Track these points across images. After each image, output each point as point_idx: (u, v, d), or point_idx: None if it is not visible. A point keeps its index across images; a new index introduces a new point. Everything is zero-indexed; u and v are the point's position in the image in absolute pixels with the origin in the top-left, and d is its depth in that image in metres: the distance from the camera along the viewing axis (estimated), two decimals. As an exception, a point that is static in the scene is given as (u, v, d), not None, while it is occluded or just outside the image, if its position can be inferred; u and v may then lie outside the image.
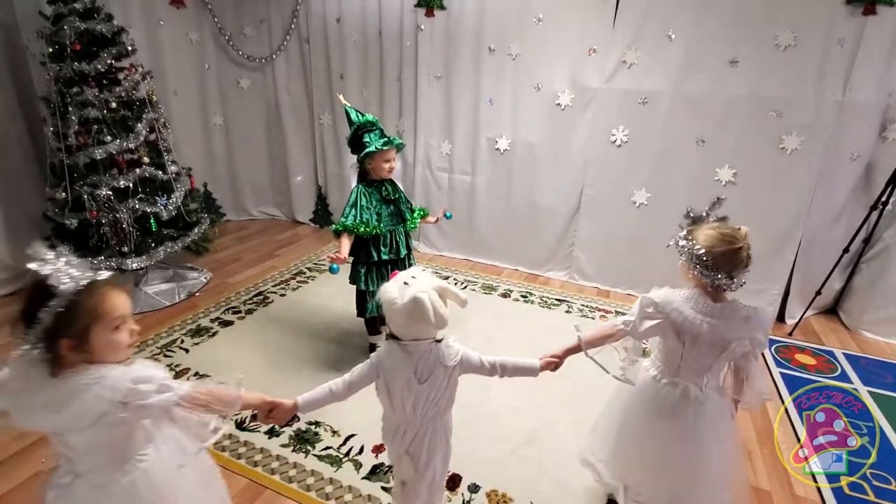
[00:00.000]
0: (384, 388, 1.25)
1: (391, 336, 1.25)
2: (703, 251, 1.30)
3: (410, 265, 2.50)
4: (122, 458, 1.08)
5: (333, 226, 2.33)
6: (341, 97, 2.57)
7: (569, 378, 1.86)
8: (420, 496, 1.35)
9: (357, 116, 2.32)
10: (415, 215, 2.47)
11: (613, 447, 1.60)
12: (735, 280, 1.31)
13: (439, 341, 1.26)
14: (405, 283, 1.19)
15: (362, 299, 2.49)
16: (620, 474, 1.61)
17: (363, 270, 2.40)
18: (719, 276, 1.30)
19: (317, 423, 2.09)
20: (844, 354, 2.85)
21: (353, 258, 2.43)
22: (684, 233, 1.38)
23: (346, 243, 2.24)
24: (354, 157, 2.37)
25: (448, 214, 2.59)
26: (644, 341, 1.46)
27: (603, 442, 1.65)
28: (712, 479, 1.45)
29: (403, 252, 2.43)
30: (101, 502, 1.07)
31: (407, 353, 1.22)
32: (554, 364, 1.40)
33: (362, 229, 2.26)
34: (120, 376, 1.01)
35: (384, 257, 2.35)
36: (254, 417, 2.10)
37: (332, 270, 2.44)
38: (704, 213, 1.40)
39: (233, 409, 1.12)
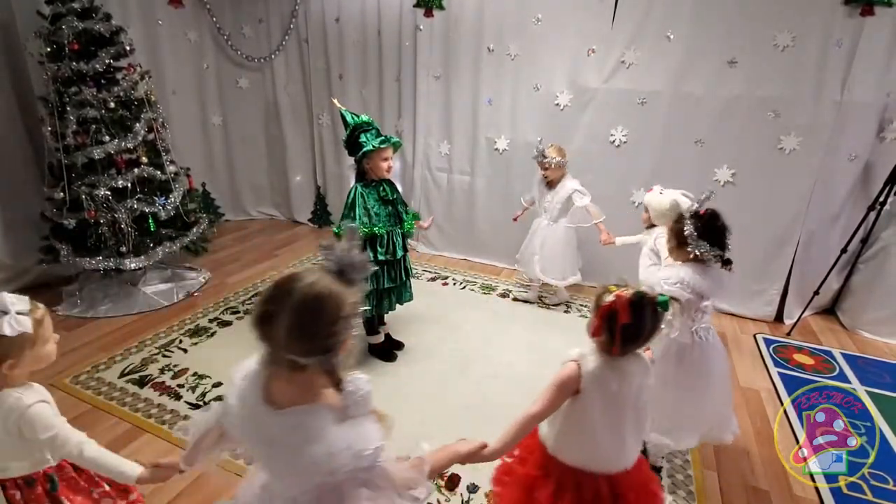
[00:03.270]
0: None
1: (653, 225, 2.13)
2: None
3: (406, 267, 2.50)
4: None
5: (335, 228, 2.35)
6: (336, 101, 2.57)
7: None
8: None
9: (353, 118, 2.32)
10: (409, 217, 2.46)
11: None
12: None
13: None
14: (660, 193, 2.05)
15: None
16: None
17: None
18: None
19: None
20: (842, 354, 2.85)
21: None
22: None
23: None
24: (352, 158, 2.37)
25: None
26: None
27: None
28: None
29: (400, 253, 2.42)
30: None
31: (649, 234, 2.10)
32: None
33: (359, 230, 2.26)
34: None
35: (380, 258, 2.35)
36: None
37: None
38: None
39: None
